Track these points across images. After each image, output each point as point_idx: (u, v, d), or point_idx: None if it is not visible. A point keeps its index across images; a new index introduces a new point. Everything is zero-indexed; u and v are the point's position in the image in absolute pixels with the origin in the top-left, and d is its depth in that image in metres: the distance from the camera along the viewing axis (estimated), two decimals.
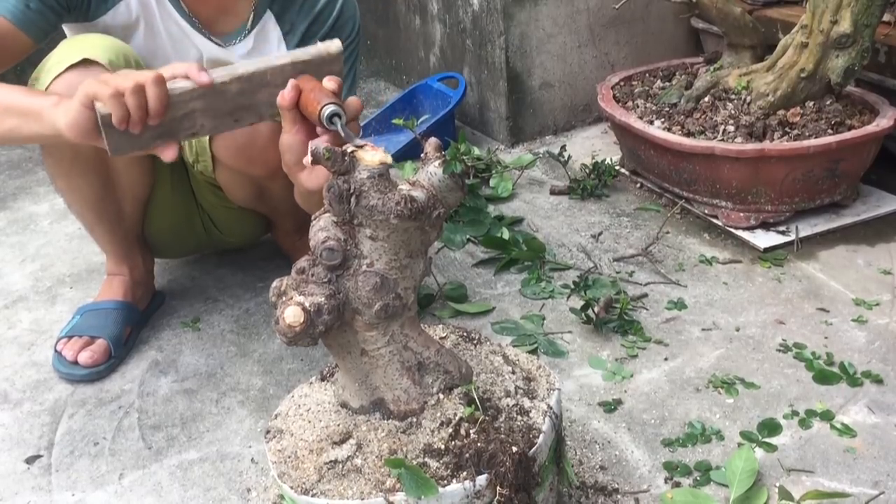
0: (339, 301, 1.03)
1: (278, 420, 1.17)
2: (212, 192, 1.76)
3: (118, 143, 1.20)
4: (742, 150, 1.89)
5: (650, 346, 1.63)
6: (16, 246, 2.21)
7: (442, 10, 2.79)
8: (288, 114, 1.21)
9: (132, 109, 1.17)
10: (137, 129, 1.19)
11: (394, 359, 1.09)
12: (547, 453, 1.09)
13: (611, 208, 2.19)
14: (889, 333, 1.62)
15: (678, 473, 1.32)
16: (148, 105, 1.18)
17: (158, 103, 1.18)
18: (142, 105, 1.17)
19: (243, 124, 1.28)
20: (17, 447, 1.49)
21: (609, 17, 2.63)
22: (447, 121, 2.57)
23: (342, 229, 1.03)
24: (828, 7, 1.93)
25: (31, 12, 1.43)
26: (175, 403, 1.57)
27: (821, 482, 1.29)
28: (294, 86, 1.20)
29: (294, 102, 1.20)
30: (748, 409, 1.45)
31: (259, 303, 1.87)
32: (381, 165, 1.01)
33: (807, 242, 1.94)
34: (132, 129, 1.19)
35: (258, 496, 1.34)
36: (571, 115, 2.71)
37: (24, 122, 1.29)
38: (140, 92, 1.17)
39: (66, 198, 1.69)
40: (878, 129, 1.92)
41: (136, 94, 1.16)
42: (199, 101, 1.21)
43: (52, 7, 1.46)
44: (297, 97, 1.20)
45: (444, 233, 1.84)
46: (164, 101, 1.18)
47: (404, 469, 1.01)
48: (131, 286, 1.78)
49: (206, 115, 1.23)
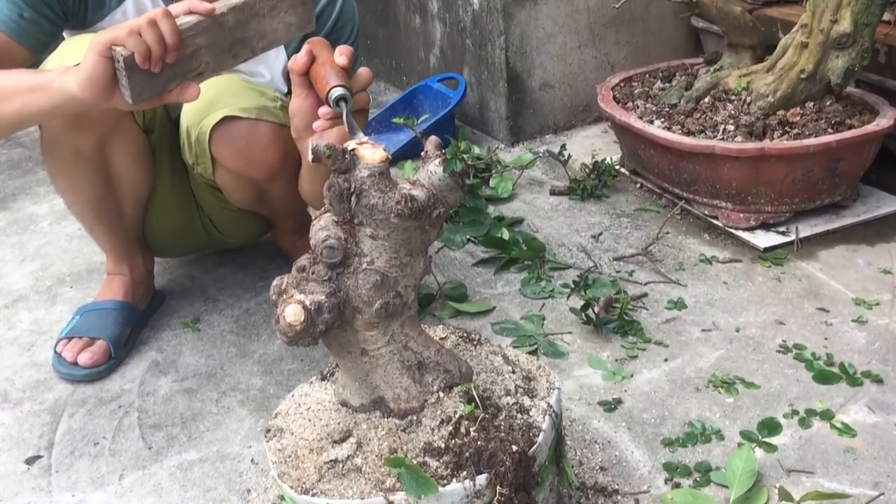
0: (340, 299, 1.03)
1: (278, 419, 1.17)
2: (211, 194, 1.76)
3: (139, 88, 1.20)
4: (742, 150, 1.89)
5: (650, 346, 1.63)
6: (16, 246, 2.21)
7: (442, 9, 2.79)
8: (298, 78, 1.25)
9: (152, 44, 1.17)
10: (158, 68, 1.19)
11: (394, 358, 1.09)
12: (547, 452, 1.09)
13: (611, 208, 2.19)
14: (889, 333, 1.62)
15: (678, 474, 1.32)
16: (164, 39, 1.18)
17: (173, 35, 1.18)
18: (160, 39, 1.17)
19: (240, 61, 1.30)
20: (17, 447, 1.49)
21: (609, 16, 2.63)
22: (447, 121, 2.57)
23: (342, 228, 1.03)
24: (828, 6, 1.93)
25: (26, 22, 1.43)
26: (175, 403, 1.57)
27: (821, 482, 1.29)
28: (308, 51, 1.23)
29: (305, 68, 1.23)
30: (748, 408, 1.45)
31: (259, 303, 1.87)
32: (382, 164, 1.01)
33: (807, 242, 1.94)
34: (153, 68, 1.19)
35: (258, 496, 1.34)
36: (571, 115, 2.71)
37: (31, 97, 1.28)
38: (155, 26, 1.17)
39: (67, 198, 1.69)
40: (878, 128, 1.92)
41: (152, 29, 1.17)
42: (203, 37, 1.23)
43: (47, 16, 1.46)
44: (308, 63, 1.23)
45: (444, 233, 1.84)
46: (177, 33, 1.19)
47: (404, 468, 1.00)
48: (131, 286, 1.78)
49: (210, 51, 1.25)
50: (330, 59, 1.22)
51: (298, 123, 1.29)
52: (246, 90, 1.56)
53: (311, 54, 1.23)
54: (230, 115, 1.51)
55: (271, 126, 1.54)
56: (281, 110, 1.57)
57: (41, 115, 1.33)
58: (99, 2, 1.52)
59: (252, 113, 1.52)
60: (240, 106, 1.52)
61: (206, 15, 1.22)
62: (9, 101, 1.29)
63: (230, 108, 1.51)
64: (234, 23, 1.25)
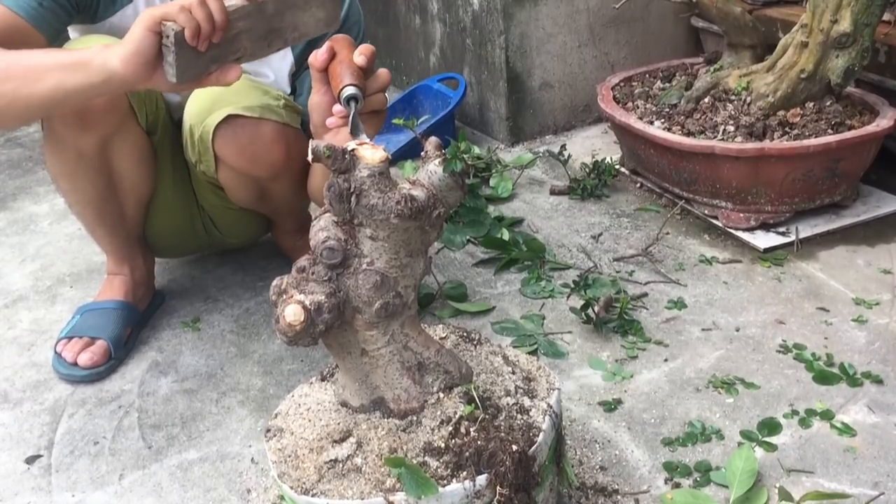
0: (340, 299, 1.03)
1: (278, 419, 1.17)
2: (213, 193, 1.76)
3: (185, 65, 1.21)
4: (742, 150, 1.89)
5: (650, 346, 1.63)
6: (16, 246, 2.21)
7: (442, 9, 2.79)
8: (318, 74, 1.25)
9: (202, 21, 1.17)
10: (205, 47, 1.20)
11: (394, 358, 1.09)
12: (547, 452, 1.09)
13: (611, 208, 2.19)
14: (889, 333, 1.62)
15: (678, 474, 1.32)
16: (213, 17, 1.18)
17: (221, 14, 1.19)
18: (209, 17, 1.18)
19: (273, 49, 1.31)
20: (17, 447, 1.49)
21: (609, 16, 2.63)
22: (447, 121, 2.57)
23: (342, 229, 1.03)
24: (828, 6, 1.93)
25: (44, 10, 1.43)
26: (175, 403, 1.57)
27: (821, 482, 1.29)
28: (328, 48, 1.23)
29: (325, 65, 1.23)
30: (748, 408, 1.45)
31: (259, 303, 1.87)
32: (382, 164, 1.01)
33: (807, 243, 1.94)
34: (200, 46, 1.19)
35: (258, 496, 1.34)
36: (571, 115, 2.71)
37: (68, 74, 1.24)
38: (204, 4, 1.17)
39: (68, 198, 1.69)
40: (878, 129, 1.92)
41: (202, 7, 1.17)
42: (245, 21, 1.24)
43: (63, 6, 1.46)
44: (328, 60, 1.23)
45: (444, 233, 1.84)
46: (224, 13, 1.20)
47: (404, 468, 1.00)
48: (132, 286, 1.78)
49: (249, 36, 1.26)
50: (349, 58, 1.22)
51: (316, 119, 1.30)
52: (250, 89, 1.56)
53: (331, 51, 1.23)
54: (234, 114, 1.51)
55: (275, 125, 1.54)
56: (284, 109, 1.57)
57: (77, 94, 1.27)
58: None
59: (255, 112, 1.52)
60: (243, 104, 1.52)
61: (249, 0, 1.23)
62: (43, 78, 1.25)
63: (234, 107, 1.51)
64: (274, 11, 1.27)
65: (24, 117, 1.36)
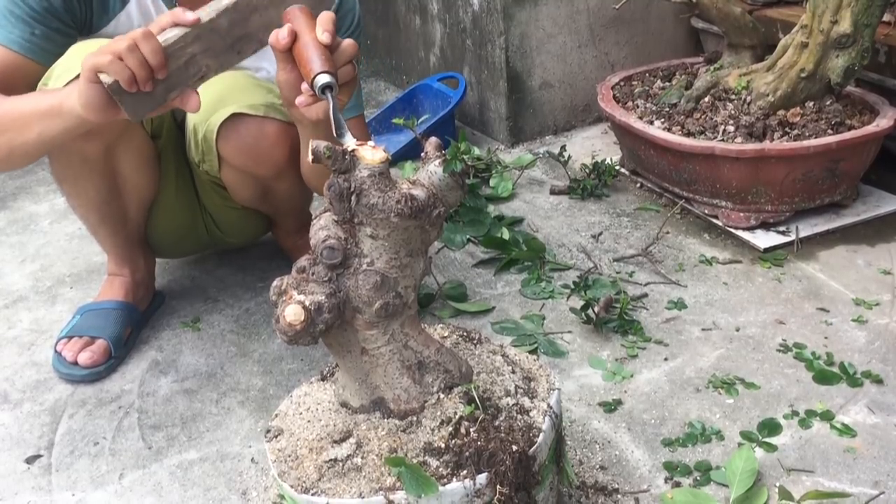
0: (340, 299, 1.03)
1: (278, 419, 1.17)
2: (215, 192, 1.76)
3: (135, 107, 1.20)
4: (742, 150, 1.89)
5: (650, 346, 1.63)
6: (16, 246, 2.21)
7: (442, 10, 2.79)
8: (281, 54, 1.20)
9: (135, 68, 1.16)
10: (148, 87, 1.18)
11: (394, 358, 1.09)
12: (547, 452, 1.09)
13: (611, 208, 2.19)
14: (889, 333, 1.62)
15: (678, 473, 1.32)
16: (147, 61, 1.16)
17: (155, 56, 1.17)
18: (142, 62, 1.16)
19: (247, 54, 1.28)
20: (17, 447, 1.49)
21: (609, 17, 2.63)
22: (447, 121, 2.57)
23: (342, 228, 1.03)
24: (828, 7, 1.93)
25: (38, 39, 1.44)
26: (175, 403, 1.57)
27: (821, 482, 1.29)
28: (290, 31, 1.17)
29: (288, 47, 1.18)
30: (748, 409, 1.45)
31: (259, 303, 1.87)
32: (382, 164, 1.01)
33: (807, 242, 1.94)
34: (143, 88, 1.18)
35: (258, 496, 1.34)
36: (571, 115, 2.71)
37: (46, 123, 1.29)
38: (136, 50, 1.15)
39: (71, 201, 1.69)
40: (878, 129, 1.92)
41: (133, 53, 1.15)
42: (195, 45, 1.21)
43: (59, 29, 1.46)
44: (290, 43, 1.17)
45: (444, 233, 1.84)
46: (160, 52, 1.17)
47: (404, 467, 1.00)
48: (132, 287, 1.78)
49: (208, 55, 1.23)
50: (313, 38, 1.15)
51: (287, 94, 1.25)
52: (253, 87, 1.56)
53: (292, 33, 1.17)
54: (238, 113, 1.51)
55: (278, 124, 1.54)
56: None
57: (62, 137, 1.33)
58: (103, 7, 1.52)
59: (259, 110, 1.52)
60: (247, 103, 1.52)
61: (190, 25, 1.19)
62: (29, 126, 1.31)
63: (238, 106, 1.51)
64: (230, 24, 1.23)
65: (27, 160, 1.42)
